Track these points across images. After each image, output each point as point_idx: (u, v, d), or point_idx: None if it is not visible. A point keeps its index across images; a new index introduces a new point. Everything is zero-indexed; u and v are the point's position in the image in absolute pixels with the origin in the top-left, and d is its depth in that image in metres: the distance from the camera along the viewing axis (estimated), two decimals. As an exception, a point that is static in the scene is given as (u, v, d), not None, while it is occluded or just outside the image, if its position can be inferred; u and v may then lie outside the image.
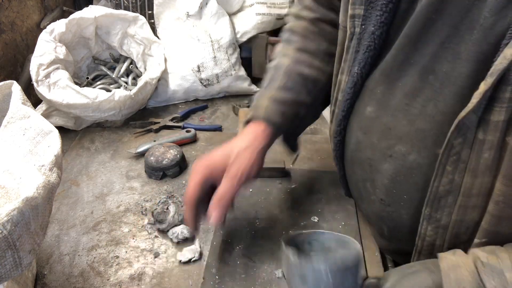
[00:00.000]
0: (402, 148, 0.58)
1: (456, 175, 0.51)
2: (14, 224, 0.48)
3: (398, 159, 0.59)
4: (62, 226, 0.84)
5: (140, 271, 0.74)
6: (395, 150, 0.59)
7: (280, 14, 1.30)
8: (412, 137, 0.57)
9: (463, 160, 0.50)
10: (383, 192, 0.63)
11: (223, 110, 1.26)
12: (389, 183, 0.61)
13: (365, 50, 0.60)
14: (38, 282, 0.72)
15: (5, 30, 1.19)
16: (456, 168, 0.51)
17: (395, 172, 0.60)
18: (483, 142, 0.47)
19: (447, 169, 0.51)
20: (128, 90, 1.14)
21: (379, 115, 0.61)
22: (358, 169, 0.68)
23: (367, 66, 0.61)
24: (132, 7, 1.45)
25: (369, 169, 0.64)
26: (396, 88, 0.58)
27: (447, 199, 0.53)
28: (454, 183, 0.51)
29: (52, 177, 0.57)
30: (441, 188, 0.53)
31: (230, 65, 1.27)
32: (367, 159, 0.64)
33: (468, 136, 0.48)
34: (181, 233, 0.79)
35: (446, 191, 0.52)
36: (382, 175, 0.62)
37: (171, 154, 0.97)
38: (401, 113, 0.57)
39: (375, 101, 0.61)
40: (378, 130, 0.61)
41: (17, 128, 0.66)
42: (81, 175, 0.98)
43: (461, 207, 0.52)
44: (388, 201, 0.63)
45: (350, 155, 0.70)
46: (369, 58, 0.60)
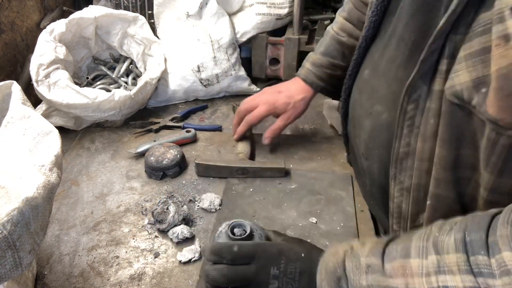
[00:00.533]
0: (379, 107, 0.65)
1: (412, 139, 0.56)
2: (14, 224, 0.48)
3: (375, 117, 0.66)
4: (62, 226, 0.84)
5: (140, 271, 0.74)
6: (374, 109, 0.66)
7: (280, 14, 1.30)
8: (387, 98, 0.64)
9: (417, 125, 0.55)
10: (363, 147, 0.71)
11: (223, 110, 1.26)
12: (367, 138, 0.69)
13: (370, 15, 0.68)
14: (38, 282, 0.73)
15: (5, 30, 1.19)
16: (411, 132, 0.56)
17: (371, 128, 0.68)
18: (429, 109, 0.52)
19: (404, 132, 0.56)
20: (128, 90, 1.14)
21: (371, 77, 0.69)
22: (351, 126, 0.78)
23: (371, 30, 0.69)
24: (132, 7, 1.45)
25: (357, 125, 0.73)
26: (384, 54, 0.66)
27: (407, 161, 0.57)
28: (411, 146, 0.56)
29: (52, 177, 0.57)
30: (401, 150, 0.58)
31: (230, 65, 1.27)
32: (357, 115, 0.73)
33: (421, 104, 0.53)
34: (181, 233, 0.79)
35: (405, 153, 0.57)
36: (363, 130, 0.70)
37: (171, 154, 0.97)
38: (383, 77, 0.65)
39: (371, 65, 0.70)
40: (367, 91, 0.70)
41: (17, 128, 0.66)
42: (81, 175, 0.98)
43: (418, 170, 0.56)
44: (366, 155, 0.71)
45: (350, 114, 0.78)
46: (372, 22, 0.68)
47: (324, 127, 1.17)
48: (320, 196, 0.89)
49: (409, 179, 0.58)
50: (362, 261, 0.50)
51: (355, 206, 0.86)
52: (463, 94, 0.47)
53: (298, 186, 0.92)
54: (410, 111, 0.55)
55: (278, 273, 0.55)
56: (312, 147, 1.06)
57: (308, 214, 0.84)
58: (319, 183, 0.92)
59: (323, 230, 0.81)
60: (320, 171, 0.96)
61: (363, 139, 0.70)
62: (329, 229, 0.81)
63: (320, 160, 1.01)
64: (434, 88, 0.51)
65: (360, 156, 0.74)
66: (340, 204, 0.87)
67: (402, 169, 0.59)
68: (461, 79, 0.46)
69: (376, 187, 0.71)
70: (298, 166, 0.99)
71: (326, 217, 0.84)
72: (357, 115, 0.73)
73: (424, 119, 0.53)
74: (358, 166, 0.77)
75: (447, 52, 0.49)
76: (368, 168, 0.71)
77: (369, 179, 0.73)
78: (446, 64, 0.49)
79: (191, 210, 0.87)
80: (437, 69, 0.51)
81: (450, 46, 0.48)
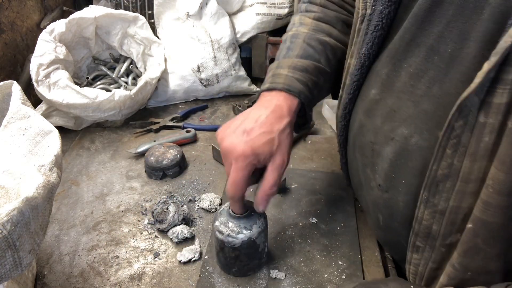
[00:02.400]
0: (404, 131, 0.57)
1: (456, 159, 0.50)
2: (14, 224, 0.48)
3: (399, 142, 0.57)
4: (62, 226, 0.84)
5: (140, 271, 0.74)
6: (398, 132, 0.57)
7: (280, 14, 1.30)
8: (415, 119, 0.55)
9: (463, 143, 0.48)
10: (381, 178, 0.62)
11: (223, 110, 1.26)
12: (388, 168, 0.60)
13: (373, 30, 0.59)
14: (38, 282, 0.73)
15: (5, 30, 1.19)
16: (456, 152, 0.49)
17: (395, 155, 0.58)
18: (484, 125, 0.46)
19: (446, 152, 0.50)
20: (128, 90, 1.14)
21: (383, 97, 0.60)
22: (359, 154, 0.67)
23: (375, 46, 0.61)
24: (132, 7, 1.45)
25: (370, 154, 0.63)
26: (402, 69, 0.57)
27: (446, 183, 0.52)
28: (453, 167, 0.50)
29: (52, 177, 0.57)
30: (440, 172, 0.51)
31: (230, 65, 1.27)
32: (369, 143, 0.63)
33: (470, 119, 0.47)
34: (181, 233, 0.79)
35: (445, 175, 0.51)
36: (382, 159, 0.60)
37: (171, 154, 0.97)
38: (406, 95, 0.57)
39: (379, 83, 0.61)
40: (382, 113, 0.61)
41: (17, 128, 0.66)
42: (81, 175, 0.98)
43: (459, 192, 0.51)
44: (386, 187, 0.62)
45: (352, 140, 0.69)
46: (377, 38, 0.60)
47: (324, 127, 1.17)
48: (320, 196, 0.89)
49: (445, 202, 0.52)
50: None
51: (355, 206, 0.86)
52: None
53: (298, 186, 0.92)
54: (457, 129, 0.48)
55: None
56: (312, 147, 1.06)
57: (308, 214, 0.84)
58: (319, 183, 0.92)
59: (323, 230, 0.81)
60: (320, 171, 0.96)
61: (382, 169, 0.61)
62: (329, 229, 0.81)
63: (320, 160, 1.01)
64: (493, 101, 0.45)
65: (373, 188, 0.64)
66: (340, 204, 0.87)
67: (438, 192, 0.53)
68: None
69: (398, 221, 0.63)
70: (298, 166, 0.99)
71: (326, 217, 0.84)
72: (368, 142, 0.63)
73: (474, 136, 0.47)
74: (369, 199, 0.68)
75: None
76: (388, 201, 0.62)
77: (387, 213, 0.64)
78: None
79: (191, 210, 0.87)
80: (500, 78, 0.44)
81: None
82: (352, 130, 0.68)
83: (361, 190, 0.71)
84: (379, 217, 0.67)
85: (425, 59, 0.54)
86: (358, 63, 0.63)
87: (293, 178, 0.94)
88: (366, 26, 0.61)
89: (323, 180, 0.93)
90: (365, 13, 0.61)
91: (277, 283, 0.71)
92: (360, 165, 0.68)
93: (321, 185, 0.92)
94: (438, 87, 0.52)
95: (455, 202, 0.51)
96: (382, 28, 0.59)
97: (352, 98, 0.67)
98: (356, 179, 0.72)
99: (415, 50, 0.55)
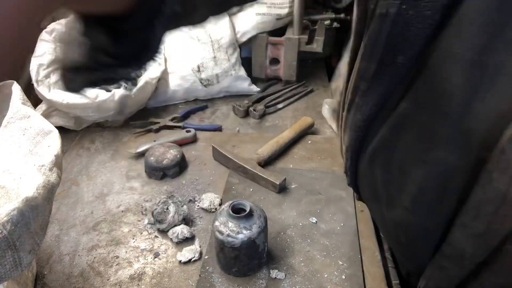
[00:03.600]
0: (441, 154, 0.51)
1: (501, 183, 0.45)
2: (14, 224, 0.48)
3: (434, 164, 0.52)
4: (62, 226, 0.84)
5: (140, 271, 0.74)
6: (432, 155, 0.52)
7: (280, 14, 1.30)
8: (454, 140, 0.50)
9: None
10: (409, 200, 0.57)
11: (223, 110, 1.26)
12: (418, 191, 0.55)
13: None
14: (38, 282, 0.73)
15: (5, 30, 1.19)
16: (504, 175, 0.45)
17: (428, 178, 0.54)
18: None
19: (493, 176, 0.45)
20: (128, 90, 1.14)
21: (416, 113, 0.54)
22: (380, 170, 0.62)
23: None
24: (132, 7, 1.44)
25: (397, 172, 0.58)
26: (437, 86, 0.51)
27: (488, 208, 0.47)
28: (498, 191, 0.46)
29: (52, 177, 0.57)
30: (483, 196, 0.47)
31: (230, 65, 1.27)
32: (396, 160, 0.58)
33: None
34: (181, 233, 0.79)
35: (487, 199, 0.47)
36: (412, 180, 0.55)
37: (171, 154, 0.97)
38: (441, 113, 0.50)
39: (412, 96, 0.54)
40: (412, 131, 0.55)
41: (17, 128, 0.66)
42: (81, 175, 0.98)
43: (502, 216, 0.47)
44: (414, 209, 0.57)
45: (371, 153, 0.63)
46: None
47: (324, 127, 1.17)
48: (320, 196, 0.89)
49: (484, 225, 0.48)
50: None
51: (355, 206, 0.86)
52: None
53: (298, 186, 0.92)
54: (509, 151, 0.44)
55: None
56: (312, 147, 1.06)
57: (308, 214, 0.84)
58: (319, 183, 0.92)
59: (323, 230, 0.81)
60: (320, 171, 0.96)
61: (411, 190, 0.56)
62: (329, 229, 0.81)
63: (320, 160, 1.01)
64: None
65: (396, 207, 0.60)
66: (340, 204, 0.87)
67: (479, 216, 0.48)
68: None
69: (423, 242, 0.59)
70: (298, 166, 0.99)
71: (326, 217, 0.84)
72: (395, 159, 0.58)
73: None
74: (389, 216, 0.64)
75: None
76: (414, 223, 0.59)
77: (412, 234, 0.61)
78: None
79: (191, 210, 0.87)
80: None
81: None
82: (372, 143, 0.62)
83: (378, 204, 0.66)
84: (400, 234, 0.63)
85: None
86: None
87: (293, 178, 0.94)
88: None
89: (323, 180, 0.93)
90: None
91: (277, 283, 0.71)
92: (380, 181, 0.63)
93: (321, 185, 0.92)
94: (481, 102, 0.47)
95: (496, 225, 0.48)
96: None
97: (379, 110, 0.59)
98: (370, 193, 0.68)
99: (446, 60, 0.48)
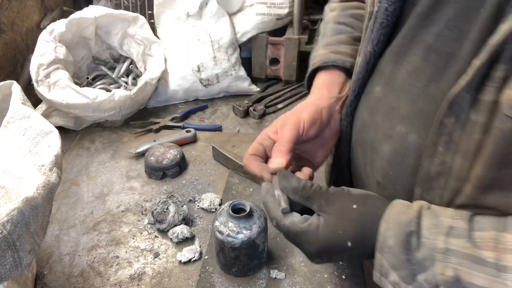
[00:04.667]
0: (402, 128, 0.57)
1: (448, 156, 0.50)
2: (14, 224, 0.48)
3: (397, 140, 0.58)
4: (62, 226, 0.84)
5: (140, 271, 0.74)
6: (396, 130, 0.58)
7: (280, 14, 1.30)
8: (413, 117, 0.56)
9: (455, 141, 0.48)
10: (380, 174, 0.62)
11: (223, 110, 1.26)
12: (386, 165, 0.60)
13: (378, 27, 0.60)
14: (38, 282, 0.73)
15: (5, 30, 1.19)
16: (448, 149, 0.49)
17: (393, 153, 0.59)
18: (474, 123, 0.46)
19: (438, 150, 0.50)
20: (128, 90, 1.14)
21: (385, 95, 0.61)
22: (360, 152, 0.68)
23: (380, 44, 0.61)
24: (132, 7, 1.45)
25: (370, 151, 0.64)
26: (402, 67, 0.57)
27: (439, 181, 0.52)
28: (446, 165, 0.50)
29: (52, 177, 0.57)
30: (432, 169, 0.52)
31: (230, 65, 1.27)
32: (370, 140, 0.63)
33: (462, 117, 0.47)
34: (181, 233, 0.79)
35: (437, 172, 0.51)
36: (381, 156, 0.61)
37: (171, 154, 0.97)
38: (404, 93, 0.57)
39: (383, 81, 0.61)
40: (383, 110, 0.61)
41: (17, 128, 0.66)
42: (81, 175, 0.98)
43: (452, 190, 0.51)
44: (385, 184, 0.62)
45: (355, 137, 0.69)
46: (382, 35, 0.60)
47: (324, 127, 1.17)
48: (320, 196, 0.89)
49: (439, 198, 0.52)
50: (443, 222, 0.45)
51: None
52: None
53: (298, 186, 0.92)
54: (448, 125, 0.48)
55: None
56: (312, 147, 1.05)
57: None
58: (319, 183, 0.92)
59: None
60: (320, 171, 0.96)
61: (380, 165, 0.61)
62: (329, 229, 0.81)
63: (320, 160, 1.01)
64: (482, 98, 0.45)
65: (372, 185, 0.65)
66: (340, 204, 0.86)
67: (431, 189, 0.53)
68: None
69: None
70: (298, 166, 0.99)
71: (326, 217, 0.84)
72: (369, 139, 0.64)
73: (466, 134, 0.47)
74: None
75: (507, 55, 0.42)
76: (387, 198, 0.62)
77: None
78: (503, 71, 0.42)
79: (191, 210, 0.87)
80: (490, 75, 0.44)
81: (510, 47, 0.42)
82: (356, 127, 0.69)
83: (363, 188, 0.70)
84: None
85: (423, 58, 0.54)
86: (364, 60, 0.64)
87: (293, 178, 0.94)
88: (372, 23, 0.61)
89: (323, 180, 0.93)
90: (373, 10, 0.61)
91: (277, 283, 0.71)
92: (361, 163, 0.68)
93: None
94: (435, 86, 0.53)
95: (448, 199, 0.51)
96: (387, 25, 0.59)
97: (357, 95, 0.67)
98: (358, 177, 0.73)
99: (414, 48, 0.55)
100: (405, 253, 0.45)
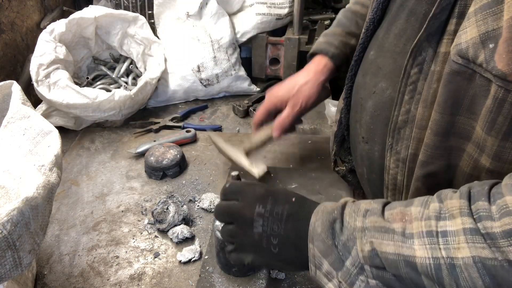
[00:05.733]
0: (383, 84, 0.63)
1: (412, 105, 0.54)
2: (14, 224, 0.48)
3: (378, 95, 0.64)
4: (62, 226, 0.84)
5: (140, 271, 0.74)
6: (378, 86, 0.64)
7: (280, 14, 1.30)
8: (392, 74, 0.61)
9: (419, 91, 0.53)
10: (364, 130, 0.68)
11: (223, 110, 1.26)
12: (369, 119, 0.66)
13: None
14: (38, 282, 0.73)
15: (5, 30, 1.19)
16: (413, 99, 0.54)
17: (374, 107, 0.64)
18: (433, 73, 0.51)
19: (404, 99, 0.55)
20: (128, 90, 1.14)
21: (376, 57, 0.66)
22: (353, 112, 0.74)
23: (379, 12, 0.66)
24: (132, 7, 1.45)
25: (360, 109, 0.69)
26: (391, 31, 0.63)
27: (405, 130, 0.56)
28: (411, 114, 0.55)
29: (52, 177, 0.57)
30: (400, 118, 0.56)
31: (230, 65, 1.27)
32: (359, 99, 0.69)
33: (425, 67, 0.52)
34: (181, 233, 0.79)
35: (404, 121, 0.56)
36: (366, 112, 0.67)
37: (171, 154, 0.97)
38: (389, 53, 0.63)
39: (376, 45, 0.67)
40: (372, 71, 0.67)
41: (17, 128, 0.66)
42: (81, 175, 0.98)
43: (416, 139, 0.55)
44: (367, 138, 0.68)
45: (352, 100, 0.75)
46: (381, 4, 0.66)
47: (324, 127, 1.17)
48: (320, 196, 0.89)
49: (406, 149, 0.57)
50: (361, 207, 0.49)
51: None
52: (468, 52, 0.45)
53: (298, 186, 0.92)
54: (413, 75, 0.53)
55: (263, 211, 0.53)
56: (312, 147, 1.06)
57: (308, 214, 0.84)
58: (319, 183, 0.92)
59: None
60: (320, 171, 0.96)
61: (365, 121, 0.67)
62: (329, 229, 0.81)
63: (320, 160, 1.01)
64: (440, 50, 0.50)
65: (359, 142, 0.70)
66: (340, 204, 0.87)
67: (400, 139, 0.57)
68: (468, 35, 0.45)
69: (376, 172, 0.68)
70: (298, 166, 0.99)
71: (326, 217, 0.84)
72: (360, 98, 0.69)
73: (427, 84, 0.52)
74: (357, 153, 0.74)
75: (457, 10, 0.47)
76: (368, 153, 0.68)
77: (368, 165, 0.70)
78: (454, 24, 0.48)
79: (191, 210, 0.87)
80: (445, 30, 0.49)
81: (461, 3, 0.47)
82: (353, 90, 0.74)
83: (354, 146, 0.77)
84: (364, 170, 0.72)
85: (406, 20, 0.60)
86: (365, 27, 0.69)
87: (293, 178, 0.94)
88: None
89: (323, 180, 0.93)
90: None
91: (277, 283, 0.71)
92: (352, 122, 0.74)
93: (321, 185, 0.92)
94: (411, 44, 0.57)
95: (413, 150, 0.56)
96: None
97: (358, 60, 0.72)
98: (352, 138, 0.78)
99: (401, 13, 0.61)
100: (331, 238, 0.48)
